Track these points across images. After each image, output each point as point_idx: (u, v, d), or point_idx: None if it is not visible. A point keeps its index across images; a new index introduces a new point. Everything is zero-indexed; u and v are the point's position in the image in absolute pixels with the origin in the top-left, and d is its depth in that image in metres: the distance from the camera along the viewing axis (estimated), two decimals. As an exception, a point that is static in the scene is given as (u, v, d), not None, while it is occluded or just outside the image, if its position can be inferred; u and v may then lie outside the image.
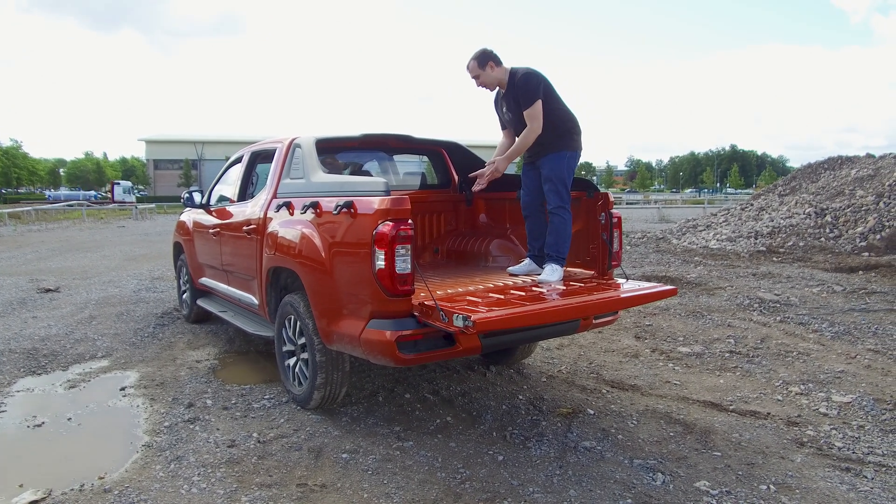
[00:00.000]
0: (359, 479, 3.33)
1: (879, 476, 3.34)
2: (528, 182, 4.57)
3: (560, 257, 4.29)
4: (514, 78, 4.36)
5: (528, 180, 4.56)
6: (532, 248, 4.63)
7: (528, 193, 4.60)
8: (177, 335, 6.46)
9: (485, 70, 4.36)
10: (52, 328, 6.66)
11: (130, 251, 15.26)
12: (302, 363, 4.27)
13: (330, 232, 3.81)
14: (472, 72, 4.40)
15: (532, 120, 4.25)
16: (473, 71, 4.39)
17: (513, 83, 4.35)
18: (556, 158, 4.32)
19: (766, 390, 4.68)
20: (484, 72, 4.37)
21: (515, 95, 4.34)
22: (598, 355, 5.61)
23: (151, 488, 3.25)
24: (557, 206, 4.30)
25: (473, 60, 4.38)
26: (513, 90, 4.36)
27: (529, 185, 4.57)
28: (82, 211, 34.75)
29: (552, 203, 4.32)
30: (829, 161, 17.37)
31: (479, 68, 4.37)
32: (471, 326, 3.01)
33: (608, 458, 3.59)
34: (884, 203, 12.40)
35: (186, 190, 6.60)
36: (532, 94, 4.24)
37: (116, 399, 4.61)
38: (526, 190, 4.60)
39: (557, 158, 4.32)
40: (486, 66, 4.36)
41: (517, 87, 4.31)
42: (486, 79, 4.40)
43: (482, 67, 4.36)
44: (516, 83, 4.32)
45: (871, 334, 6.10)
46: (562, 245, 4.29)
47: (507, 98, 4.45)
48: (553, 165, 4.32)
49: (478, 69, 4.37)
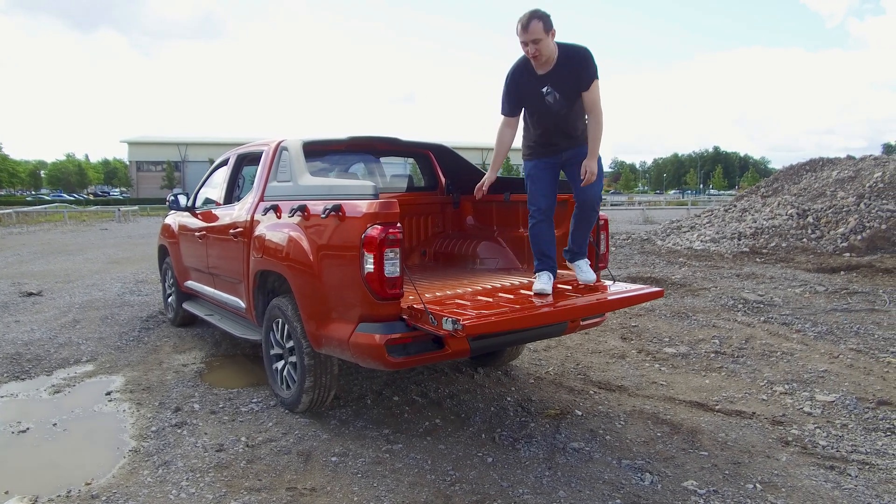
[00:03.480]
0: (348, 483, 3.33)
1: (863, 474, 3.39)
2: (547, 180, 4.04)
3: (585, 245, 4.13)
4: (568, 52, 3.78)
5: (547, 178, 4.03)
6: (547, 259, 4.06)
7: (551, 194, 4.07)
8: (162, 339, 6.41)
9: (548, 36, 3.69)
10: (35, 332, 6.59)
11: (114, 254, 15.11)
12: (290, 366, 4.26)
13: (318, 235, 3.81)
14: (533, 34, 3.64)
15: (596, 104, 3.77)
16: (536, 33, 3.64)
17: (568, 57, 3.76)
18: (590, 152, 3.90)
19: (751, 390, 4.73)
20: (548, 37, 3.69)
21: (575, 71, 3.75)
22: (585, 356, 5.64)
23: (139, 494, 3.23)
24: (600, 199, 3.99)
25: (538, 20, 3.63)
26: (569, 66, 3.76)
27: (549, 184, 4.04)
28: (64, 213, 34.36)
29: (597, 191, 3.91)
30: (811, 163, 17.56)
31: (545, 32, 3.67)
32: (460, 330, 3.02)
33: (597, 458, 3.62)
34: (864, 204, 12.57)
35: (171, 192, 6.56)
36: (595, 72, 3.75)
37: (102, 404, 4.57)
38: (548, 190, 4.05)
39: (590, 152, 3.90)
40: (551, 32, 3.69)
41: (578, 63, 3.74)
42: (545, 47, 3.70)
43: (548, 31, 3.68)
44: (577, 57, 3.75)
45: (853, 334, 6.19)
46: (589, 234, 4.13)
47: (558, 76, 3.79)
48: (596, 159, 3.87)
49: (543, 32, 3.65)
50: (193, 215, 6.10)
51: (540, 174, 4.05)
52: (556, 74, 3.80)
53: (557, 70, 3.79)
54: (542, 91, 3.86)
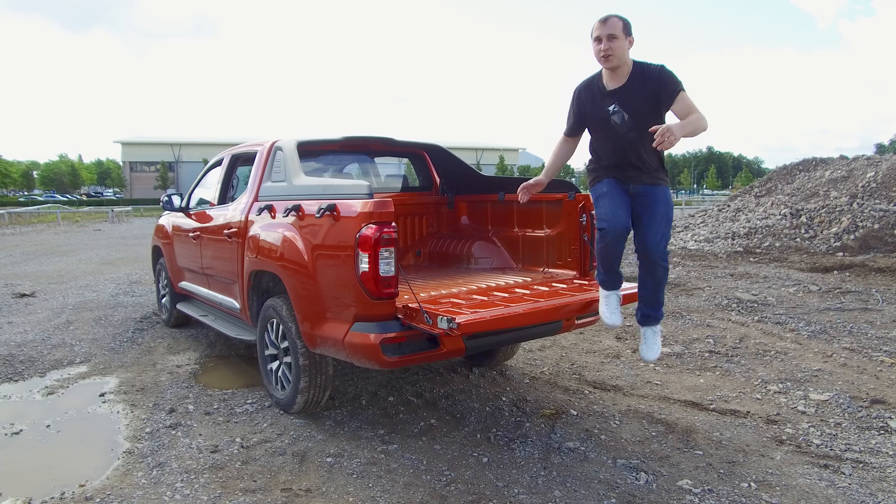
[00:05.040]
0: (343, 483, 3.32)
1: (857, 472, 3.40)
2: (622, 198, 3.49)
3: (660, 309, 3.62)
4: (644, 69, 3.39)
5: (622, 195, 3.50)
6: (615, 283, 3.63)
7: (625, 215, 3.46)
8: (156, 340, 6.39)
9: (626, 39, 3.35)
10: (28, 334, 6.56)
11: (107, 255, 15.05)
12: (285, 367, 4.25)
13: (312, 235, 3.80)
14: (610, 27, 3.30)
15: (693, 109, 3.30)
16: (614, 28, 3.31)
17: (644, 76, 3.37)
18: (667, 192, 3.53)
19: (746, 389, 4.75)
20: (626, 39, 3.35)
21: (652, 90, 3.34)
22: (579, 356, 5.65)
23: (134, 495, 3.21)
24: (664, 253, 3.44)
25: (619, 19, 3.34)
26: (644, 85, 3.36)
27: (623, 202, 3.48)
28: (57, 214, 34.22)
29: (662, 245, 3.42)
30: (804, 162, 17.64)
31: (624, 32, 3.33)
32: (455, 328, 3.02)
33: (592, 458, 3.62)
34: (857, 204, 12.62)
35: (165, 193, 6.54)
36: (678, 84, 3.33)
37: (96, 405, 4.55)
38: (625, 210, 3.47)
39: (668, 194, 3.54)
40: (629, 38, 3.37)
41: (656, 80, 3.34)
42: (619, 49, 3.32)
43: (626, 34, 3.35)
44: (654, 74, 3.35)
45: (846, 333, 6.21)
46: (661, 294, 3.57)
47: (628, 94, 3.39)
48: (668, 200, 3.49)
49: (621, 31, 3.32)
50: (187, 216, 6.09)
51: (613, 191, 3.49)
52: (626, 92, 3.39)
53: (629, 87, 3.38)
54: (609, 109, 3.42)
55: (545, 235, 4.72)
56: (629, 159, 3.48)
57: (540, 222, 4.77)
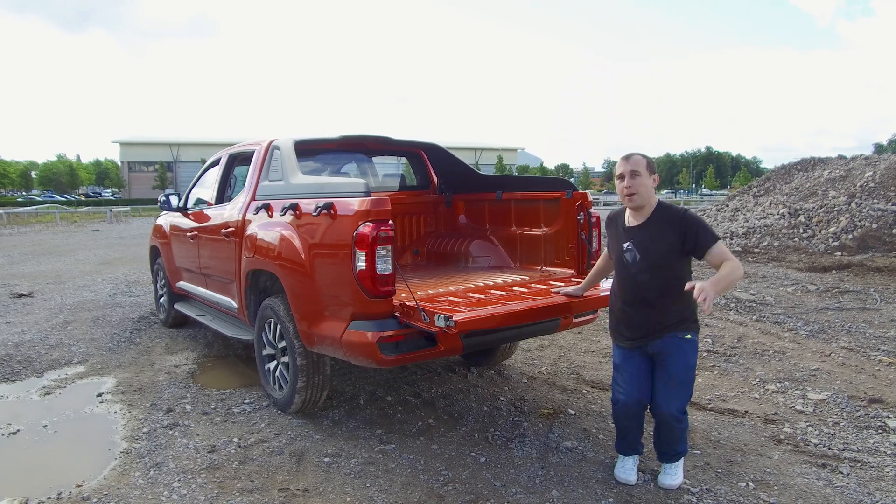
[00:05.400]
0: (341, 483, 3.31)
1: (855, 472, 3.40)
2: (631, 371, 3.30)
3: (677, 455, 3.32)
4: (668, 211, 3.23)
5: (633, 368, 3.30)
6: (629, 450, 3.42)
7: (638, 390, 3.27)
8: (154, 340, 6.38)
9: (650, 177, 3.19)
10: (25, 334, 6.54)
11: (105, 255, 15.04)
12: (283, 367, 4.24)
13: (310, 234, 3.79)
14: (633, 164, 3.17)
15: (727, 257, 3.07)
16: (637, 165, 3.17)
17: (667, 217, 3.19)
18: (685, 347, 3.20)
19: (744, 389, 4.74)
20: (650, 177, 3.19)
21: (674, 233, 3.13)
22: (578, 356, 5.65)
23: (131, 495, 3.20)
24: (678, 416, 3.20)
25: (642, 157, 3.20)
26: (664, 226, 3.17)
27: (635, 374, 3.29)
28: (55, 214, 34.18)
29: (674, 406, 3.19)
30: (802, 162, 17.68)
31: (648, 170, 3.18)
32: (452, 326, 3.01)
33: (590, 457, 3.62)
34: (855, 203, 12.63)
35: (163, 193, 6.53)
36: (712, 237, 3.11)
37: (93, 405, 4.53)
38: (633, 384, 3.28)
39: (690, 345, 3.22)
40: (653, 176, 3.21)
41: (679, 223, 3.14)
42: (642, 186, 3.16)
43: (650, 172, 3.19)
44: (677, 218, 3.16)
45: (844, 332, 6.21)
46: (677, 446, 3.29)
47: (643, 233, 3.22)
48: (685, 358, 3.19)
49: (644, 167, 3.17)
50: (185, 216, 6.07)
51: (624, 364, 3.34)
52: (641, 231, 3.23)
53: (646, 227, 3.22)
54: (624, 247, 3.28)
55: (543, 234, 4.72)
56: (638, 305, 3.26)
57: (538, 221, 4.76)
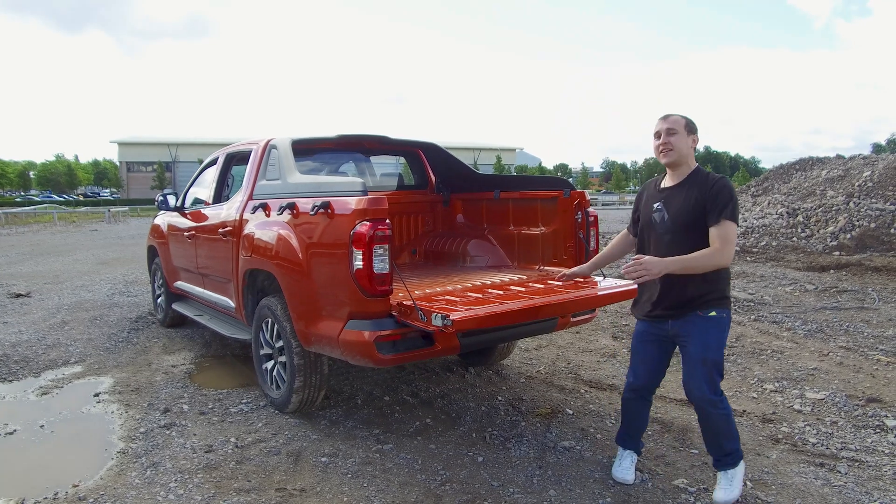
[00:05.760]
0: (338, 483, 3.31)
1: (853, 471, 3.39)
2: (646, 353, 3.27)
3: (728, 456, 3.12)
4: (703, 175, 3.13)
5: (648, 350, 3.27)
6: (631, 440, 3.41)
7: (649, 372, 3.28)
8: (152, 340, 6.37)
9: (688, 137, 3.13)
10: (23, 334, 6.53)
11: (103, 255, 15.02)
12: (280, 366, 4.23)
13: (307, 233, 3.79)
14: (670, 122, 3.12)
15: (725, 243, 2.94)
16: (674, 123, 3.11)
17: (701, 180, 3.10)
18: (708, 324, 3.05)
19: (742, 388, 4.74)
20: (687, 137, 3.13)
21: (701, 197, 3.03)
22: (575, 355, 5.64)
23: (127, 495, 3.19)
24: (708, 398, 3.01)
25: (682, 118, 3.14)
26: (696, 188, 3.08)
27: (649, 356, 3.26)
28: (53, 214, 34.13)
29: (694, 386, 3.02)
30: (801, 162, 17.67)
31: (686, 129, 3.12)
32: (449, 325, 3.00)
33: (587, 457, 3.61)
34: (854, 203, 12.64)
35: (161, 193, 6.51)
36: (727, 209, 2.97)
37: (90, 405, 4.52)
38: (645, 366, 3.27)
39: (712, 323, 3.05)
40: (692, 136, 3.15)
41: (710, 188, 3.03)
42: (679, 143, 3.10)
43: (689, 132, 3.13)
44: (709, 182, 3.06)
45: (842, 332, 6.21)
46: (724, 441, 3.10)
47: (676, 193, 3.15)
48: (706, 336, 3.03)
49: (683, 127, 3.11)
50: (183, 215, 6.06)
51: (639, 346, 3.30)
52: (673, 190, 3.17)
53: (679, 188, 3.14)
54: (654, 206, 3.22)
55: (540, 233, 4.71)
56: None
57: (535, 220, 4.75)
